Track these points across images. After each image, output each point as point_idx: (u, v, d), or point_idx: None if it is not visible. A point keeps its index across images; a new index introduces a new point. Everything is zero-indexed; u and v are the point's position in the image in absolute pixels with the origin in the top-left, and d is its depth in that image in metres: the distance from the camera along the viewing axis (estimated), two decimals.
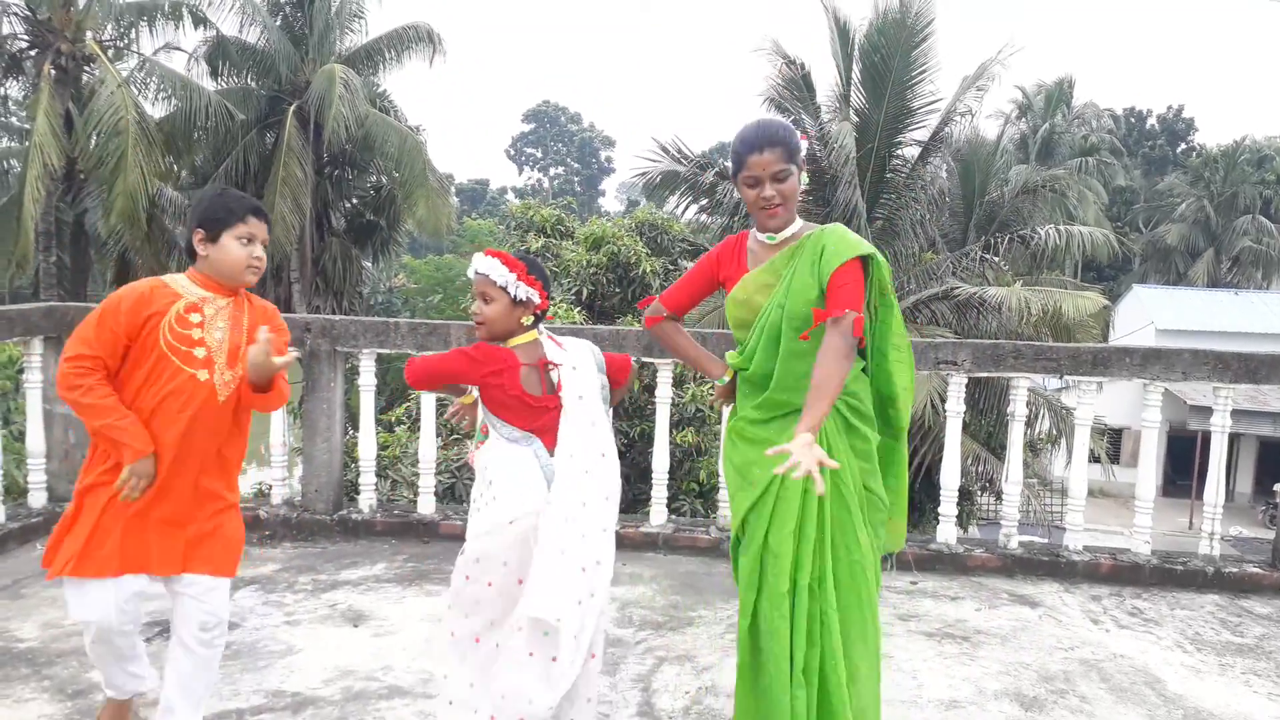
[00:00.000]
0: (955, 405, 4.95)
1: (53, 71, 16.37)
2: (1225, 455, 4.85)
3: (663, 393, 5.06)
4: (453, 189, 37.24)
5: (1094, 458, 13.72)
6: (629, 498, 8.12)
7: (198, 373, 2.53)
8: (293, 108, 17.92)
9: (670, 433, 6.01)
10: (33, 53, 17.42)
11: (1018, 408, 4.95)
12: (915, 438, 10.92)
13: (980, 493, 14.19)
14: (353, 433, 8.17)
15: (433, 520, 5.10)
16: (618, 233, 12.72)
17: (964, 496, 12.63)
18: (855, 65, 13.25)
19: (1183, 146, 46.72)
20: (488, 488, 2.60)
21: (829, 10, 13.35)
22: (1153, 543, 4.92)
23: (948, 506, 4.97)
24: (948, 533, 4.98)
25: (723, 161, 14.67)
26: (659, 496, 5.13)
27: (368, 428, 5.23)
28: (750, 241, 2.65)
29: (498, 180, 65.75)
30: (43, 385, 4.90)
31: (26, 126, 19.49)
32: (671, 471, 6.48)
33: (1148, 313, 29.36)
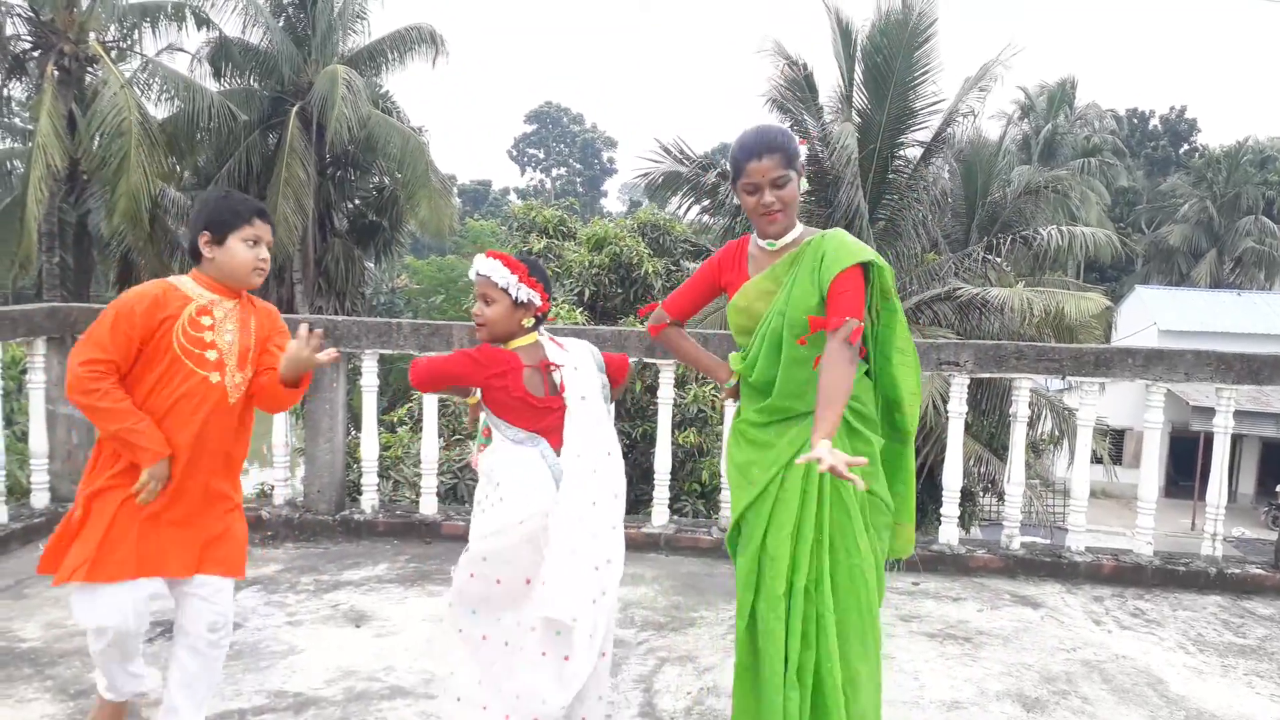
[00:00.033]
0: (957, 406, 4.95)
1: (56, 72, 16.37)
2: (1228, 456, 4.85)
3: (665, 393, 5.06)
4: (455, 190, 37.26)
5: (1096, 459, 13.74)
6: (631, 498, 8.09)
7: (210, 375, 2.54)
8: (295, 109, 17.93)
9: (672, 433, 6.01)
10: (36, 54, 17.44)
11: (1020, 409, 4.95)
12: (917, 439, 10.79)
13: (982, 494, 14.19)
14: (355, 433, 8.17)
15: (435, 521, 5.11)
16: (620, 233, 12.74)
17: (966, 497, 12.61)
18: (858, 66, 13.25)
19: (1185, 147, 46.63)
20: (494, 490, 2.59)
21: (831, 11, 13.36)
22: (1155, 544, 4.92)
23: (950, 507, 4.97)
24: (950, 533, 4.98)
25: (724, 162, 14.65)
26: (661, 497, 5.13)
27: (370, 428, 5.23)
28: (751, 247, 2.64)
29: (500, 181, 65.86)
30: (45, 386, 4.90)
31: (30, 128, 19.55)
32: (673, 472, 6.49)
33: (1150, 314, 29.35)
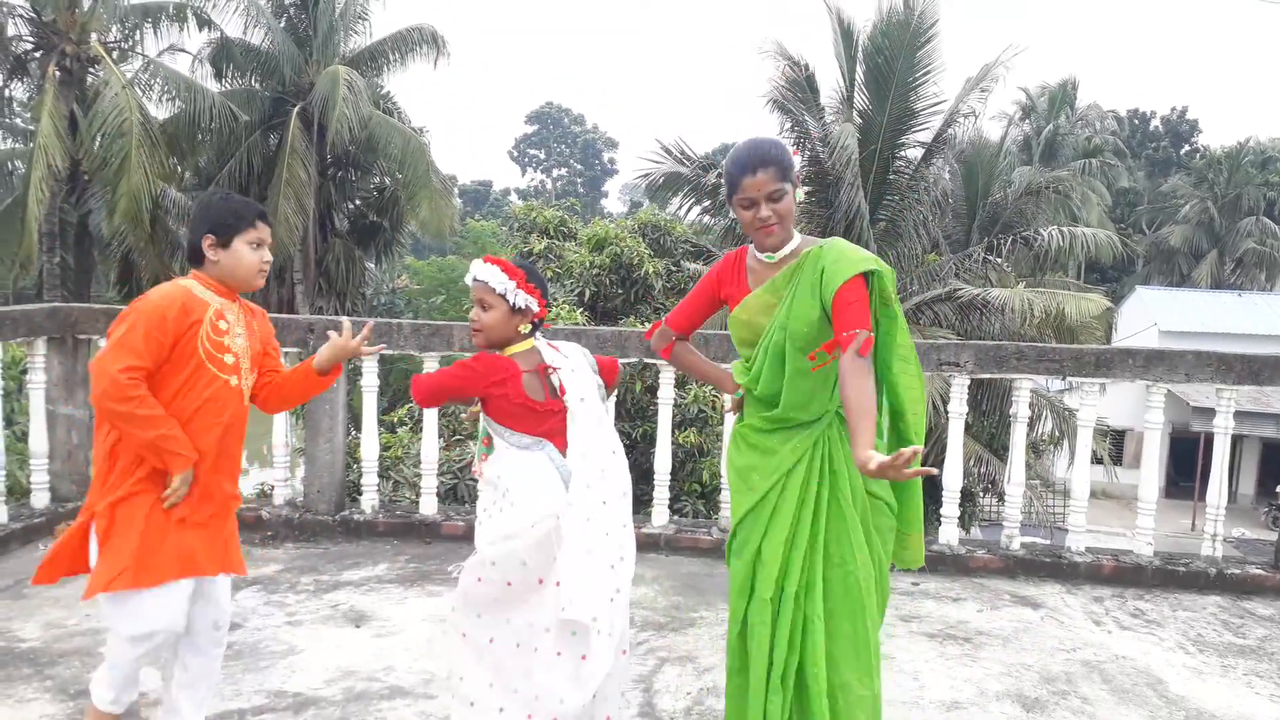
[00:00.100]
0: (958, 406, 4.96)
1: (57, 73, 16.39)
2: (1228, 457, 4.85)
3: (665, 394, 5.07)
4: (456, 190, 37.28)
5: (1097, 459, 13.74)
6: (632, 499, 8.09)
7: (230, 379, 2.56)
8: (296, 109, 17.95)
9: (672, 433, 6.02)
10: (38, 54, 17.46)
11: (1020, 409, 4.95)
12: None
13: (982, 494, 14.19)
14: (355, 433, 8.17)
15: (435, 521, 5.11)
16: (620, 234, 12.73)
17: (966, 498, 12.61)
18: (859, 66, 13.24)
19: (1186, 148, 46.60)
20: (502, 496, 2.57)
21: (832, 11, 13.34)
22: (1155, 544, 4.93)
23: (950, 508, 4.97)
24: (950, 534, 4.98)
25: (724, 163, 14.64)
26: (661, 497, 5.14)
27: (370, 428, 5.24)
28: (749, 259, 2.63)
29: (501, 182, 65.88)
30: (46, 386, 4.91)
31: (31, 128, 19.56)
32: (673, 472, 6.50)
33: (1151, 314, 29.34)
